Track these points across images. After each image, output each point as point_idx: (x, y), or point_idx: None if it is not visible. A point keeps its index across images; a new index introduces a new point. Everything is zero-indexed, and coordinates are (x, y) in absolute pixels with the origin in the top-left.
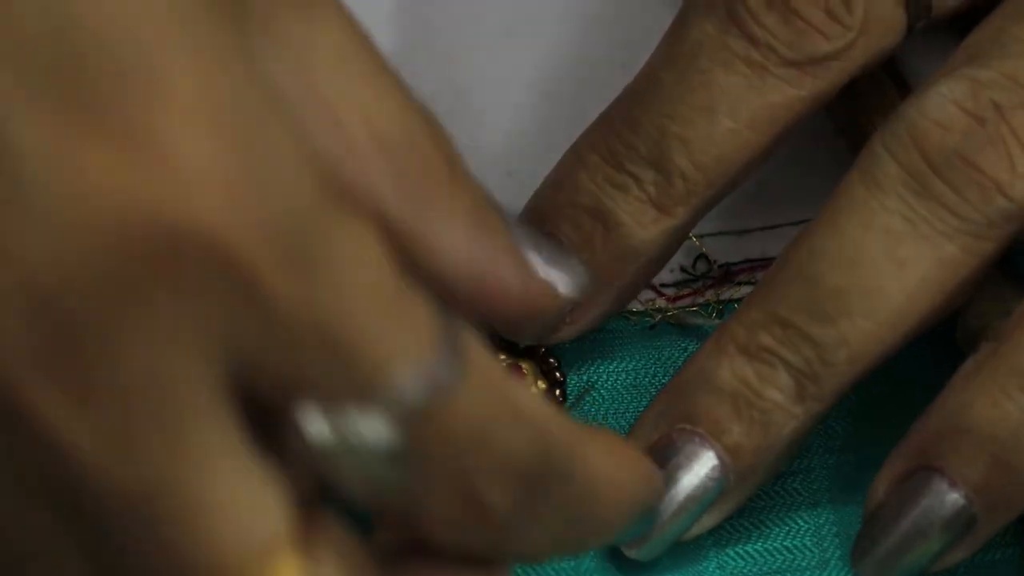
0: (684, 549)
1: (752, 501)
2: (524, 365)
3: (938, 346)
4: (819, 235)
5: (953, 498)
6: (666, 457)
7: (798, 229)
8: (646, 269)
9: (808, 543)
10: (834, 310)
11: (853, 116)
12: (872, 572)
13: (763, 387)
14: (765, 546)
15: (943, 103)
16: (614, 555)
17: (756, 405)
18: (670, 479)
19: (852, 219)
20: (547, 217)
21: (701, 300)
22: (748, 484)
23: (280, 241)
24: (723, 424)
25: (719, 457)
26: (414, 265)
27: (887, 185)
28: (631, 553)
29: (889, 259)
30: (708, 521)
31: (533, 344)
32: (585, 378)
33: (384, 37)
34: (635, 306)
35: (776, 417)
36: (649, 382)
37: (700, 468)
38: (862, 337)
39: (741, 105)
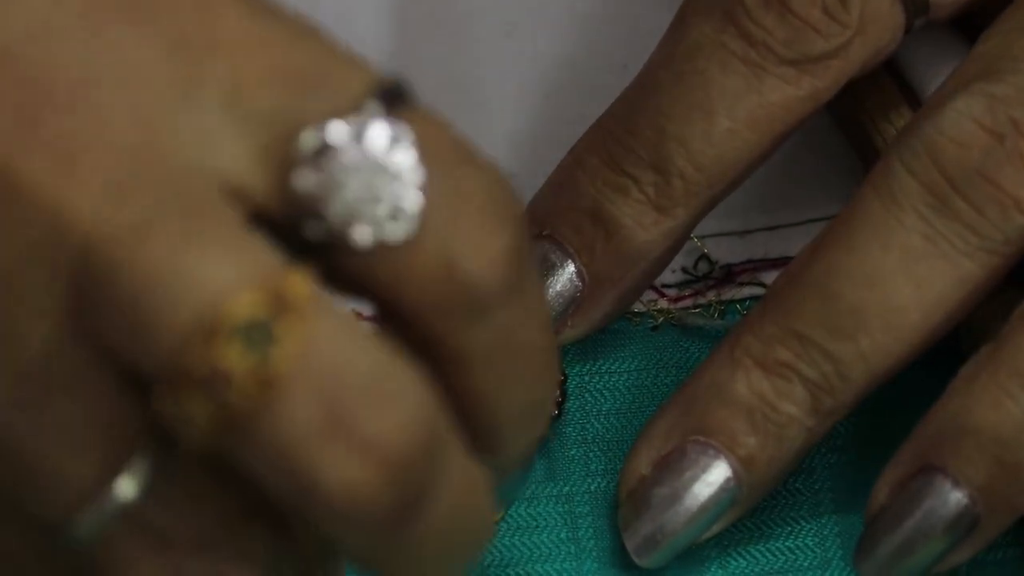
0: (686, 548)
1: None
2: None
3: (940, 346)
4: (836, 250)
5: (956, 498)
6: (680, 468)
7: (800, 230)
8: (648, 271)
9: (810, 543)
10: (852, 326)
11: (854, 115)
12: (875, 573)
13: (779, 401)
14: (767, 546)
15: (960, 120)
16: (616, 556)
17: (771, 418)
18: (683, 490)
19: (869, 235)
20: (548, 221)
21: (703, 301)
22: (758, 493)
23: None
24: (738, 437)
25: (732, 469)
26: None
27: (905, 201)
28: (641, 562)
29: (908, 277)
30: (715, 528)
31: None
32: (587, 378)
33: (385, 37)
34: (637, 307)
35: (790, 430)
36: (651, 383)
37: (714, 479)
38: (880, 352)
39: (739, 105)
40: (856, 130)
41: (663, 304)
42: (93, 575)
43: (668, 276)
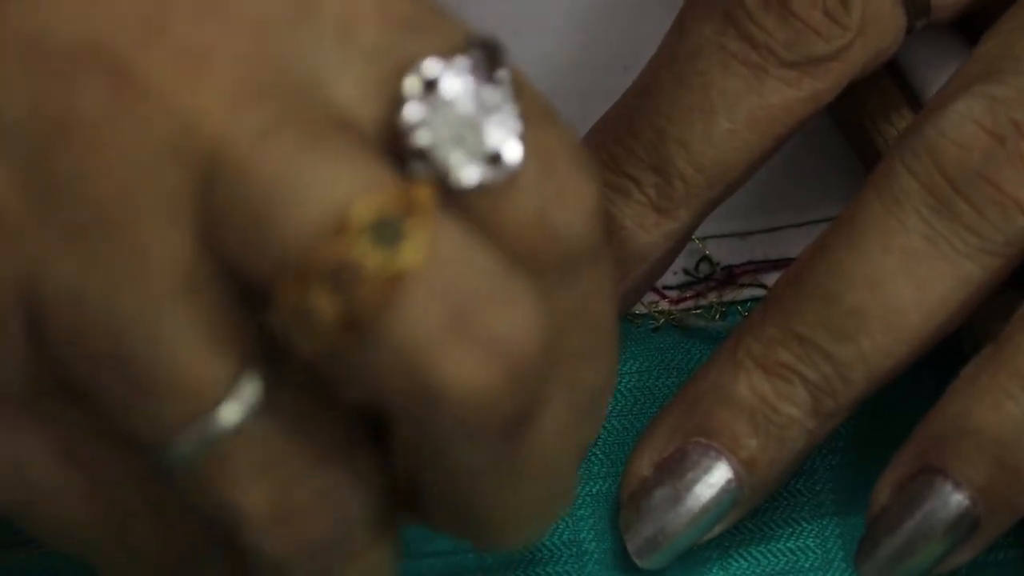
0: (687, 550)
1: None
2: None
3: (941, 347)
4: (837, 252)
5: (957, 500)
6: (681, 469)
7: (800, 231)
8: (649, 273)
9: (811, 544)
10: (853, 328)
11: (855, 117)
12: (876, 574)
13: (780, 403)
14: (768, 547)
15: (962, 121)
16: (617, 558)
17: (773, 420)
18: (684, 491)
19: (870, 237)
20: None
21: (704, 302)
22: (760, 495)
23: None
24: (740, 439)
25: (734, 470)
26: None
27: (906, 202)
28: (642, 563)
29: (909, 279)
30: (717, 529)
31: None
32: None
33: None
34: (638, 308)
35: (792, 432)
36: (653, 384)
37: (715, 481)
38: (880, 354)
39: (739, 106)
40: (857, 131)
41: (664, 306)
42: (194, 498)
43: (669, 277)
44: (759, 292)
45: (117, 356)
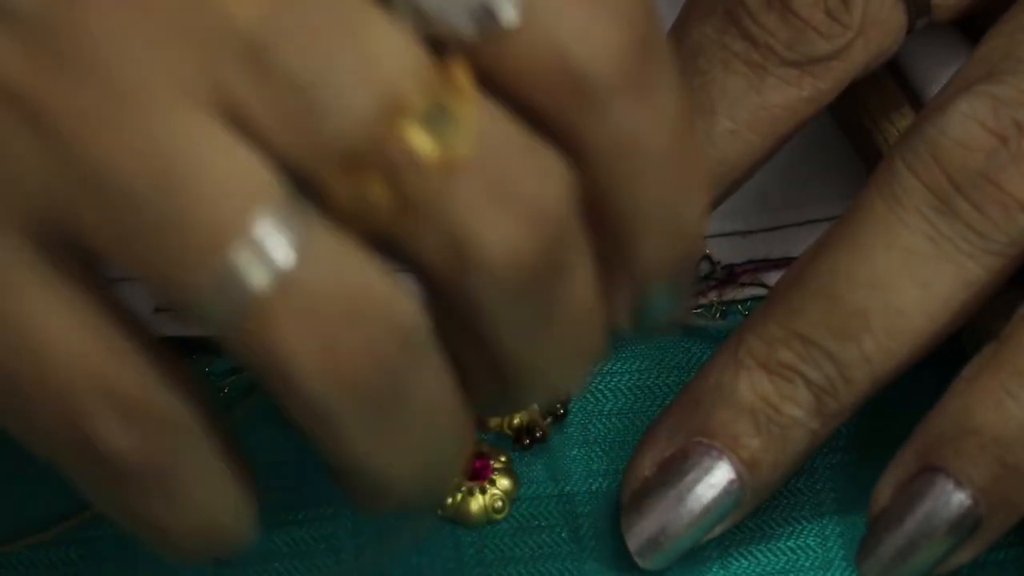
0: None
1: None
2: None
3: (943, 346)
4: (839, 252)
5: (959, 499)
6: (682, 470)
7: (802, 230)
8: None
9: (812, 543)
10: (856, 329)
11: (856, 116)
12: (877, 573)
13: (782, 403)
14: (769, 546)
15: (964, 121)
16: (617, 557)
17: (775, 420)
18: (686, 492)
19: (873, 237)
20: None
21: (704, 301)
22: (761, 495)
23: None
24: (741, 439)
25: (736, 471)
26: None
27: (908, 202)
28: (643, 563)
29: (912, 280)
30: (718, 529)
31: None
32: (589, 378)
33: None
34: None
35: (794, 432)
36: (652, 383)
37: (717, 481)
38: (883, 355)
39: (740, 105)
40: (858, 131)
41: None
42: (240, 359)
43: None
44: (760, 291)
45: (150, 221)
